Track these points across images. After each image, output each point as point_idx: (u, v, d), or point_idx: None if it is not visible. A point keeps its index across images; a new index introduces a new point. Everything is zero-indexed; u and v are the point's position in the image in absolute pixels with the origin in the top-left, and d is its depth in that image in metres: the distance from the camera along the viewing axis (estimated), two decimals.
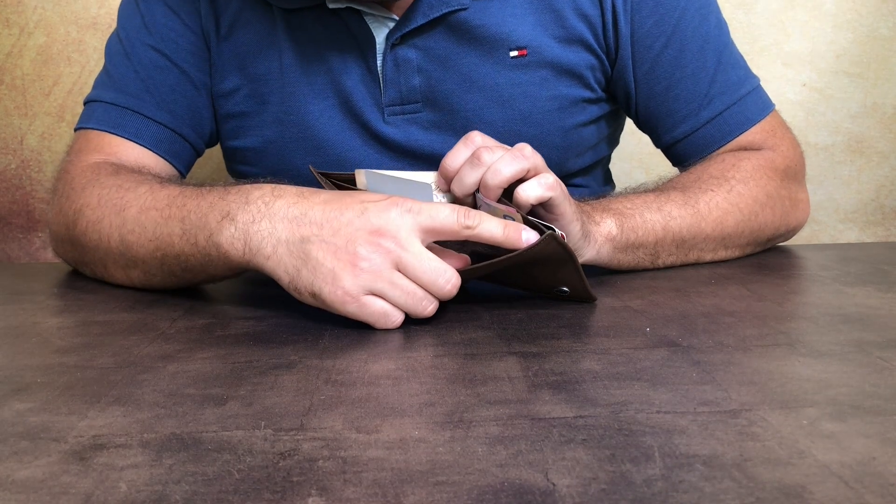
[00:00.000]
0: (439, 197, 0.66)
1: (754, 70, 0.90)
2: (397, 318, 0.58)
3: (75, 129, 0.86)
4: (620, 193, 0.77)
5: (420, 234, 0.57)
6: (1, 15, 1.29)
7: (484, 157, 0.62)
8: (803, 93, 1.35)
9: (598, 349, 0.53)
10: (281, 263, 0.59)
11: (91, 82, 1.32)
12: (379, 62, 0.81)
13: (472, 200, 0.65)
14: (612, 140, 0.95)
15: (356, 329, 0.59)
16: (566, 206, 0.64)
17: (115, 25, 1.31)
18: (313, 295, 0.58)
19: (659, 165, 1.39)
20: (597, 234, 0.70)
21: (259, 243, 0.59)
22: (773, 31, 1.34)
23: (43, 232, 1.37)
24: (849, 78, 1.35)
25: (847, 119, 1.36)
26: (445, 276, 0.58)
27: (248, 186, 0.63)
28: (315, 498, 0.35)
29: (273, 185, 0.62)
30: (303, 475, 0.37)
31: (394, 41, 0.80)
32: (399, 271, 0.57)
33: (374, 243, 0.56)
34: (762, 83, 0.89)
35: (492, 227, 0.58)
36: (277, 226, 0.59)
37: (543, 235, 0.58)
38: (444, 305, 0.64)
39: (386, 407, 0.44)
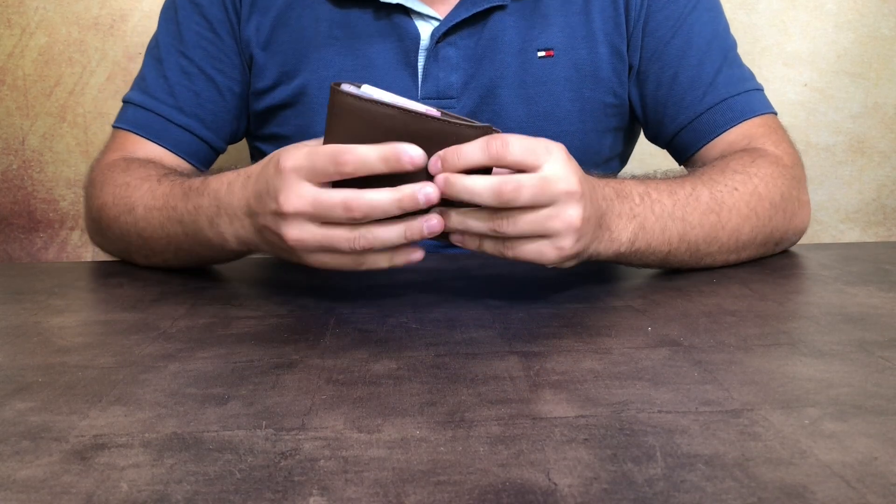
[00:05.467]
0: None
1: (755, 70, 0.91)
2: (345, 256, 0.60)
3: (113, 125, 0.92)
4: (654, 183, 0.71)
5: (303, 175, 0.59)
6: (2, 15, 1.29)
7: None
8: (804, 93, 1.35)
9: (599, 349, 0.53)
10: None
11: (92, 83, 1.32)
12: (421, 60, 0.84)
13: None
14: (623, 159, 0.97)
15: (357, 328, 0.59)
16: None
17: (115, 26, 1.31)
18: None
19: (660, 167, 1.39)
20: (602, 249, 0.66)
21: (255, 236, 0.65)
22: (774, 32, 1.34)
23: (44, 232, 1.37)
24: (850, 78, 1.35)
25: (848, 119, 1.36)
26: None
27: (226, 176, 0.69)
28: (316, 497, 0.35)
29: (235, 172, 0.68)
30: (304, 475, 0.37)
31: (437, 38, 0.83)
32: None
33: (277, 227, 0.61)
34: (763, 83, 0.89)
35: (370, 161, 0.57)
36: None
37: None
38: (445, 307, 0.64)
39: (387, 406, 0.44)
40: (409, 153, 0.56)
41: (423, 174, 0.57)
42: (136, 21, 1.32)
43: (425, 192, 0.56)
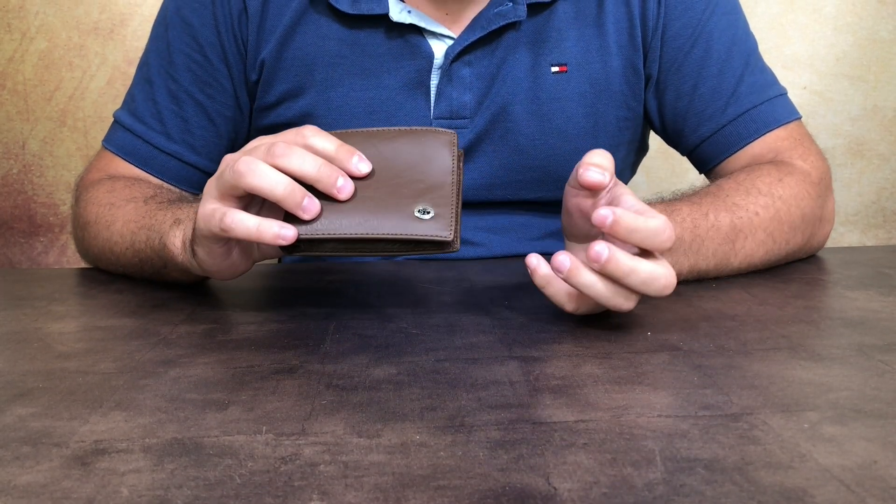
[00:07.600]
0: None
1: None
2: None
3: (102, 142, 0.91)
4: (679, 215, 0.70)
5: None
6: (3, 20, 1.30)
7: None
8: (804, 96, 1.36)
9: (599, 353, 0.53)
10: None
11: (92, 87, 1.32)
12: (435, 80, 0.82)
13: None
14: (633, 169, 0.96)
15: (357, 333, 0.59)
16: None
17: (115, 31, 1.31)
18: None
19: (660, 169, 1.39)
20: None
21: (190, 239, 0.64)
22: (773, 35, 1.34)
23: (44, 236, 1.38)
24: (849, 81, 1.35)
25: (847, 122, 1.36)
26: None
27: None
28: (316, 502, 0.35)
29: None
30: (304, 480, 0.37)
31: (452, 57, 0.81)
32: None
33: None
34: None
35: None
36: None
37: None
38: (445, 312, 0.65)
39: (387, 411, 0.44)
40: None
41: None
42: (136, 25, 1.32)
43: (342, 183, 0.58)
